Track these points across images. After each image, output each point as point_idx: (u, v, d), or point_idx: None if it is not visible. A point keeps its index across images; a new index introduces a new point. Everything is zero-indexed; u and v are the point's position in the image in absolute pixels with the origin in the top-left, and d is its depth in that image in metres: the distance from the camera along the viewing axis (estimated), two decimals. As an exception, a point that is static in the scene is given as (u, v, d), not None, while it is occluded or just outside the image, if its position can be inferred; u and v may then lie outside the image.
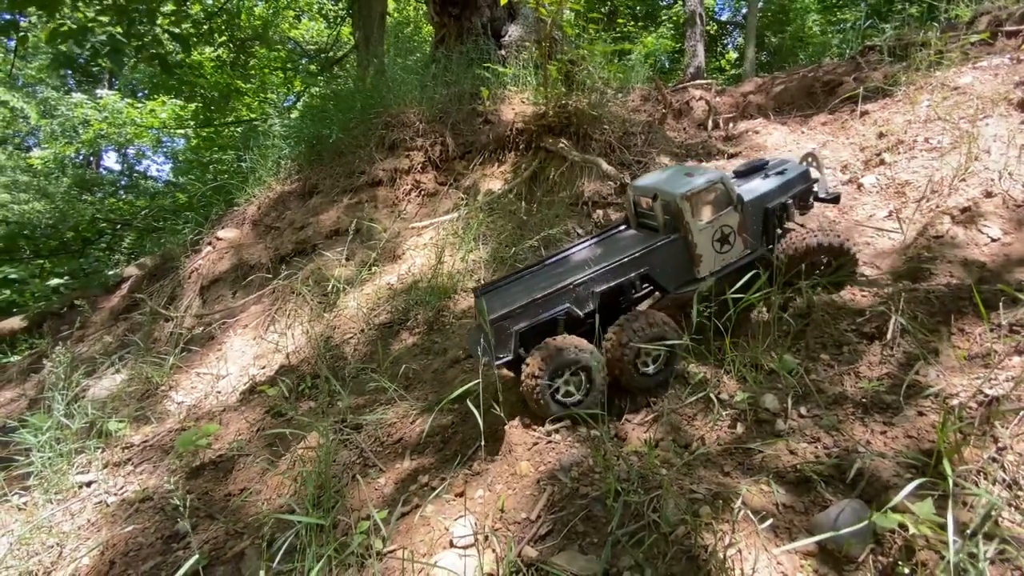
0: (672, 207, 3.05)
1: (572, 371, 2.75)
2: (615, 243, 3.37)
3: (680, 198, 2.98)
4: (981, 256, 3.29)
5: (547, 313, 2.86)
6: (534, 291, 2.92)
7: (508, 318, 2.83)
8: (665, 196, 3.08)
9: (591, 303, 2.92)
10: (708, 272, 3.09)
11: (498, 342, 2.82)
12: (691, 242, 3.03)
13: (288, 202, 6.98)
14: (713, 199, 3.07)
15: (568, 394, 2.78)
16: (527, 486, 2.47)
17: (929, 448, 2.12)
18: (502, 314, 2.83)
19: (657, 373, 2.90)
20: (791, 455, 2.34)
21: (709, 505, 2.09)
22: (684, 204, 2.99)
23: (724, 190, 3.08)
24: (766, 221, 3.26)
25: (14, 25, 6.67)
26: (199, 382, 4.99)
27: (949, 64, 5.69)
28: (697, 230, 3.02)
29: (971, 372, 2.41)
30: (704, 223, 3.04)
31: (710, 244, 3.07)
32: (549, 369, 2.71)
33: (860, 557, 1.84)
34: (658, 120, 6.93)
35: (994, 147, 4.26)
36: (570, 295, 2.89)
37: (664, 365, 2.90)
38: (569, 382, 2.77)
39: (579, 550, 2.08)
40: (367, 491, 2.88)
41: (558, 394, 2.76)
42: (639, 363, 2.84)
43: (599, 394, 2.79)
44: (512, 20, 8.33)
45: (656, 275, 3.03)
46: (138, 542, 2.98)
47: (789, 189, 3.39)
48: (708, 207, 3.06)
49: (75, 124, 15.19)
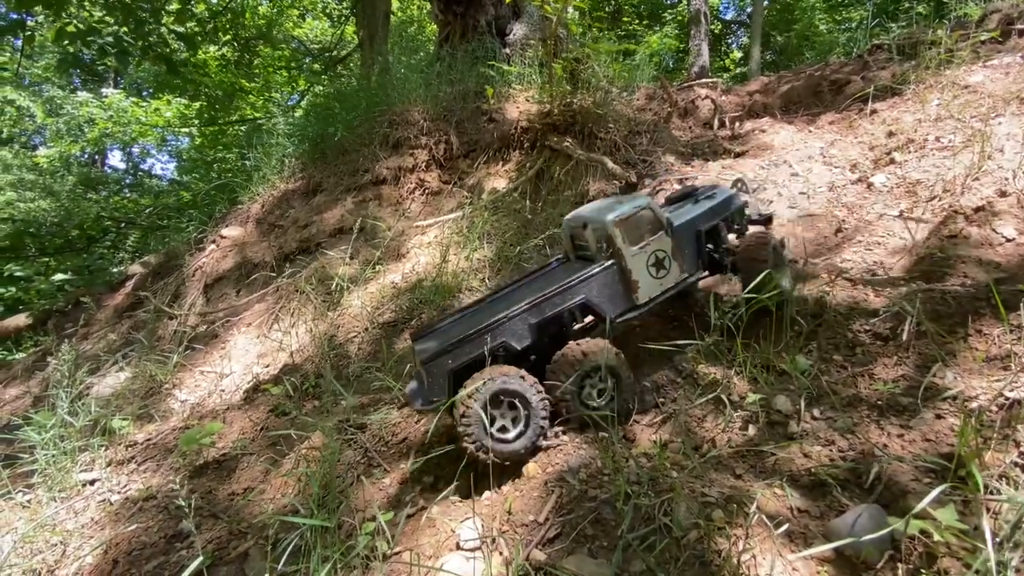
0: (602, 234, 3.04)
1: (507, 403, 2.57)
2: (553, 276, 3.32)
3: (611, 224, 2.98)
4: (996, 256, 3.24)
5: (481, 350, 2.71)
6: (468, 328, 2.82)
7: (440, 355, 2.69)
8: (595, 224, 3.08)
9: (529, 336, 2.83)
10: (648, 298, 3.06)
11: (432, 384, 2.68)
12: (626, 268, 3.00)
13: (292, 200, 6.96)
14: (643, 224, 3.08)
15: (504, 429, 2.58)
16: (534, 488, 2.44)
17: (948, 452, 2.07)
18: (433, 352, 2.70)
19: (610, 402, 2.78)
20: (805, 458, 2.29)
21: (722, 509, 2.04)
22: (614, 230, 2.98)
23: (652, 215, 3.10)
24: (698, 244, 3.28)
25: (21, 24, 6.68)
26: (203, 380, 4.97)
27: (959, 62, 5.62)
28: (630, 255, 3.01)
29: (990, 374, 2.35)
30: (636, 249, 3.03)
31: (645, 269, 3.05)
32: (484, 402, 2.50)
33: (878, 564, 1.79)
34: (664, 119, 6.88)
35: (1007, 146, 4.20)
36: (506, 330, 2.79)
37: (613, 395, 2.79)
38: (505, 415, 2.58)
39: (589, 553, 2.04)
40: (372, 491, 2.85)
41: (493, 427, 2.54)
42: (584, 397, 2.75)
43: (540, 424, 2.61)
44: (517, 18, 8.29)
45: (594, 303, 2.98)
46: (141, 541, 2.96)
47: (719, 212, 3.45)
48: (639, 233, 3.06)
49: (80, 123, 15.25)
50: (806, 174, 5.12)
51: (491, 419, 2.51)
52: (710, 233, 3.34)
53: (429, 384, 2.71)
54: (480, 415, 2.47)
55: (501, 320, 2.78)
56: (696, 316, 3.46)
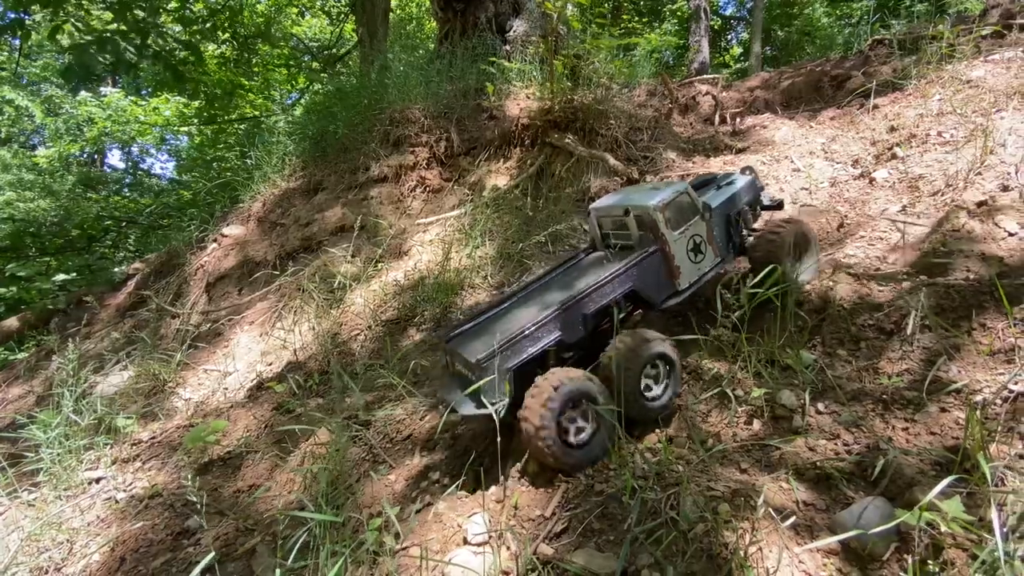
0: (647, 219, 3.02)
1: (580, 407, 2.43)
2: (589, 266, 3.26)
3: (655, 209, 2.96)
4: (999, 251, 3.24)
5: (537, 346, 2.62)
6: (518, 325, 2.69)
7: (495, 355, 2.53)
8: (638, 210, 3.06)
9: (582, 328, 2.77)
10: (688, 283, 3.06)
11: (490, 386, 2.51)
12: (669, 253, 3.00)
13: (293, 199, 6.96)
14: (683, 209, 3.08)
15: (579, 431, 2.43)
16: (541, 483, 2.44)
17: (953, 445, 2.08)
18: (488, 354, 2.54)
19: (665, 391, 2.65)
20: (811, 452, 2.30)
21: (728, 503, 2.05)
22: (658, 215, 2.97)
23: (691, 200, 3.11)
24: (729, 229, 3.31)
25: (20, 24, 6.65)
26: (206, 379, 4.98)
27: (961, 57, 5.62)
28: (672, 241, 3.00)
29: (995, 368, 2.36)
30: (677, 234, 3.03)
31: (685, 254, 3.06)
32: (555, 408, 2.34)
33: (884, 555, 1.80)
34: (664, 115, 6.88)
35: (1009, 140, 4.20)
36: (559, 323, 2.70)
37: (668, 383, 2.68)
38: (575, 420, 2.43)
39: (596, 547, 2.05)
40: (378, 487, 2.86)
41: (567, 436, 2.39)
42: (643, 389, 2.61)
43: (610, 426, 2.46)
44: (517, 15, 8.28)
45: (642, 290, 2.96)
46: (148, 538, 2.97)
47: (744, 197, 3.49)
48: (679, 218, 3.07)
49: (80, 122, 15.22)
50: (808, 169, 5.13)
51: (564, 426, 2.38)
52: (738, 217, 3.37)
53: (488, 387, 2.52)
54: (554, 421, 2.34)
55: (555, 314, 2.69)
56: (699, 311, 3.46)
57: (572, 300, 2.76)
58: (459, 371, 2.80)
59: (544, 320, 2.67)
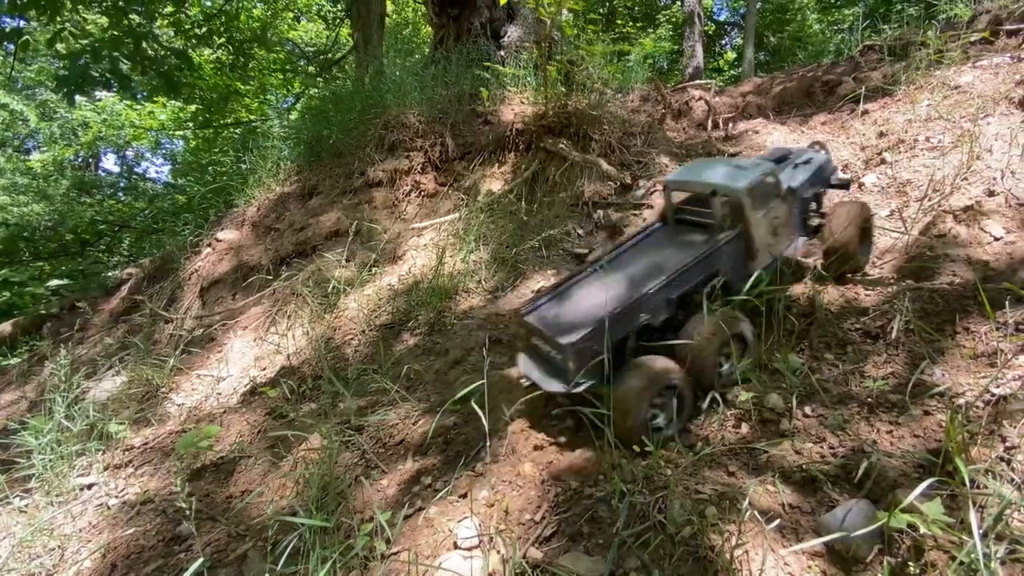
0: (733, 201, 2.95)
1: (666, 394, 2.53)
2: (668, 244, 3.16)
3: (743, 192, 2.89)
4: (984, 255, 3.29)
5: (626, 327, 2.62)
6: (602, 304, 2.67)
7: (589, 339, 2.54)
8: (725, 191, 2.96)
9: (665, 311, 2.74)
10: (763, 266, 3.01)
11: (580, 365, 2.54)
12: (751, 236, 2.94)
13: (288, 203, 6.96)
14: (767, 191, 3.00)
15: (654, 416, 2.54)
16: (531, 487, 2.46)
17: (936, 447, 2.11)
18: (584, 335, 2.54)
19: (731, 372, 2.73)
20: (797, 455, 2.33)
21: (715, 505, 2.07)
22: (746, 198, 2.90)
23: (775, 181, 3.03)
24: (803, 211, 3.22)
25: (17, 32, 6.66)
26: (199, 384, 4.97)
27: (949, 63, 5.69)
28: (755, 224, 2.94)
29: (977, 371, 2.40)
30: (760, 216, 2.96)
31: (764, 236, 2.99)
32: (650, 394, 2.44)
33: (868, 557, 1.83)
34: (658, 120, 6.93)
35: (996, 146, 4.26)
36: (647, 305, 2.68)
37: None
38: (661, 405, 2.53)
39: (584, 551, 2.07)
40: (370, 492, 2.86)
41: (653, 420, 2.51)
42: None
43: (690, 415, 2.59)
44: (511, 21, 8.33)
45: (726, 274, 2.91)
46: (139, 544, 2.97)
47: (820, 178, 3.37)
48: (763, 200, 2.99)
49: (74, 126, 15.19)
50: (798, 174, 5.17)
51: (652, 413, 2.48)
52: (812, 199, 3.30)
53: (576, 365, 2.53)
54: (646, 410, 2.43)
55: (644, 296, 2.67)
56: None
57: (660, 284, 2.72)
58: (536, 346, 2.78)
59: (633, 302, 2.65)
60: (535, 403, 2.87)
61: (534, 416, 2.87)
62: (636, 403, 2.43)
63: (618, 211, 5.53)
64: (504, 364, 3.79)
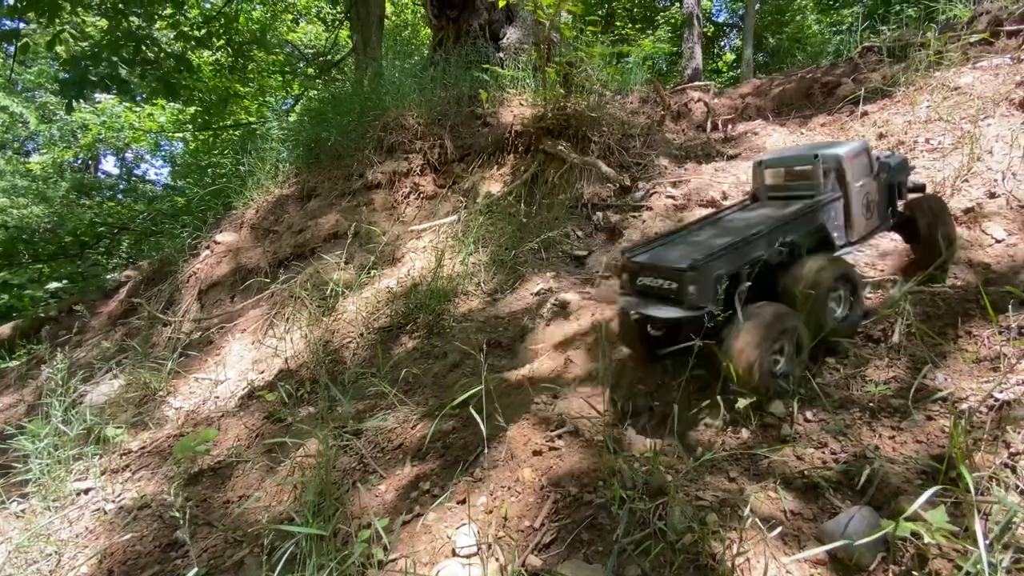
0: (833, 166, 3.06)
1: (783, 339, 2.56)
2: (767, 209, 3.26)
3: (845, 158, 3.02)
4: (986, 258, 3.27)
5: (745, 260, 2.67)
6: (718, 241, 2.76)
7: (709, 263, 2.57)
8: (827, 156, 3.08)
9: (781, 251, 2.80)
10: (858, 237, 3.13)
11: (700, 289, 2.55)
12: (850, 202, 3.06)
13: (286, 206, 6.95)
14: (863, 164, 3.14)
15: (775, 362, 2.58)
16: (530, 493, 2.44)
17: (939, 453, 2.09)
18: (703, 259, 2.57)
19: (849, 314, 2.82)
20: (798, 460, 2.31)
21: (716, 512, 2.05)
22: (847, 164, 3.02)
23: (869, 157, 3.17)
24: (891, 197, 3.33)
25: (15, 33, 6.65)
26: (197, 387, 4.95)
27: (949, 64, 5.68)
28: (854, 193, 3.07)
29: (980, 376, 2.38)
30: (858, 187, 3.08)
31: (861, 209, 3.11)
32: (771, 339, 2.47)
33: (871, 565, 1.80)
34: (657, 122, 6.92)
35: (996, 147, 4.24)
36: (761, 242, 2.75)
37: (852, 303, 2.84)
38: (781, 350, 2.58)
39: (584, 559, 2.05)
40: (368, 498, 2.84)
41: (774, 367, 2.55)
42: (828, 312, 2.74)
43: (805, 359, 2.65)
44: (510, 23, 8.32)
45: (830, 230, 3.01)
46: (136, 550, 2.95)
47: (903, 171, 3.51)
48: (860, 172, 3.12)
49: (74, 129, 15.19)
50: (798, 176, 5.16)
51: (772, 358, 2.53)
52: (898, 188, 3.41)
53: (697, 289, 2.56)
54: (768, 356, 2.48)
55: (760, 233, 2.75)
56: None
57: (773, 225, 2.81)
58: (645, 285, 2.84)
59: (747, 237, 2.73)
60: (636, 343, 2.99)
61: (532, 420, 2.85)
62: (758, 349, 2.46)
63: (617, 213, 5.52)
64: (503, 367, 3.77)
